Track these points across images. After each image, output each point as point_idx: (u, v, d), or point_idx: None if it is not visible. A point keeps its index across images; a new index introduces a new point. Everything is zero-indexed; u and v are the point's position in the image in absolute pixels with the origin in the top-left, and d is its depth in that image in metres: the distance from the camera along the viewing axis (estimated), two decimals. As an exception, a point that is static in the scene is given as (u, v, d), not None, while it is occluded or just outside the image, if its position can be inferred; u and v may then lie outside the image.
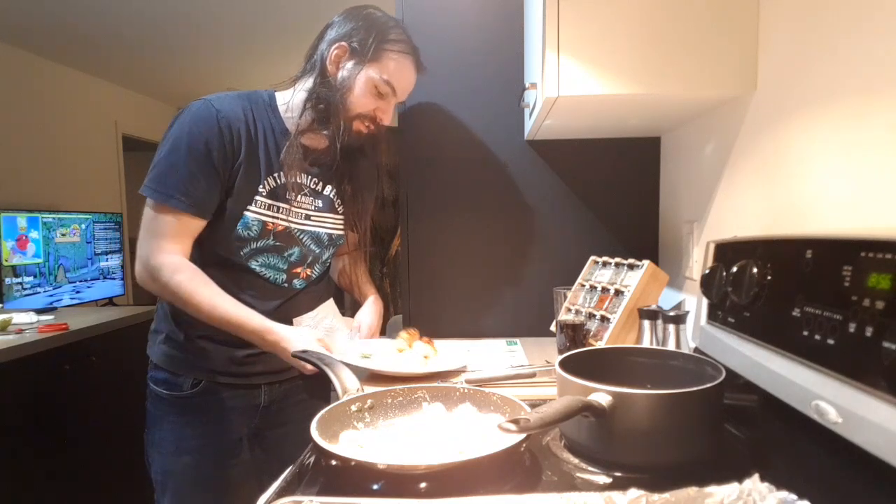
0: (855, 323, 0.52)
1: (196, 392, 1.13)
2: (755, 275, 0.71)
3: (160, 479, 1.16)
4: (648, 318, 1.05)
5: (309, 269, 1.21)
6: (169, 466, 1.14)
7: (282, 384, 1.22)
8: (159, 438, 1.15)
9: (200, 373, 1.14)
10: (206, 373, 1.14)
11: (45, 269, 2.61)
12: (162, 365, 1.15)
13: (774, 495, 0.48)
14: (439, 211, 1.57)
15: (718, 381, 0.68)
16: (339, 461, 0.63)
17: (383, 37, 1.09)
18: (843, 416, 0.52)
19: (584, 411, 0.64)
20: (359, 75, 1.09)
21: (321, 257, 1.23)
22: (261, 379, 1.18)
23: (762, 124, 0.98)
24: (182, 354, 1.14)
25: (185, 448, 1.14)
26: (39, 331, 2.03)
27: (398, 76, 1.10)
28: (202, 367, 1.14)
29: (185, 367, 1.14)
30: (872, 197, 0.70)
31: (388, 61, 1.09)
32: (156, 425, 1.16)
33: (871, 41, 0.70)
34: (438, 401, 0.84)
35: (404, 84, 1.13)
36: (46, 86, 3.41)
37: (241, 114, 1.10)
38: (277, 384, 1.21)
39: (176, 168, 1.04)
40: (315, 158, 1.18)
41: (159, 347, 1.16)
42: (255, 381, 1.18)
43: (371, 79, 1.09)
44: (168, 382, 1.14)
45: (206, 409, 1.14)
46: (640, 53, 1.02)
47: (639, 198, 1.54)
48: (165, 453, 1.14)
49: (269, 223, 1.13)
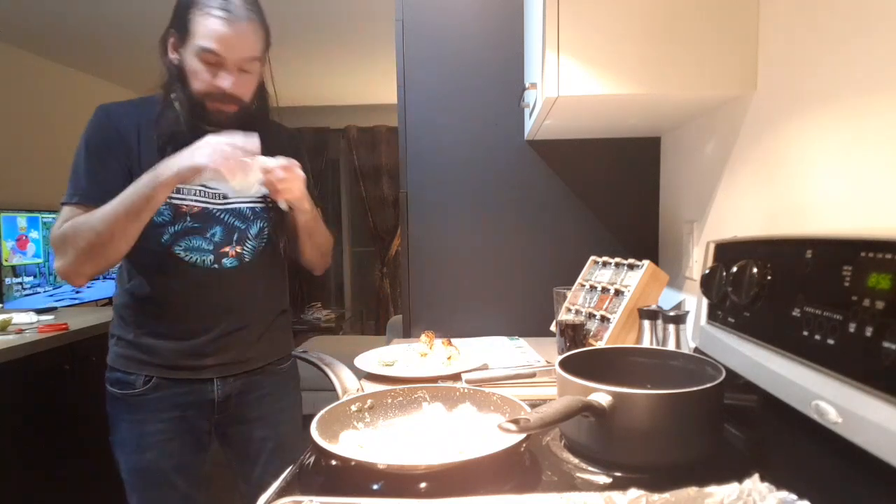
0: (855, 323, 0.52)
1: (148, 389, 1.13)
2: (755, 275, 0.71)
3: (128, 478, 1.16)
4: (648, 318, 1.05)
5: (238, 246, 1.16)
6: (133, 465, 1.15)
7: (237, 378, 1.19)
8: (120, 439, 1.16)
9: (150, 369, 1.13)
10: (156, 368, 1.13)
11: (45, 269, 2.61)
12: (115, 365, 1.15)
13: (774, 495, 0.48)
14: (439, 211, 1.57)
15: (718, 381, 0.68)
16: (339, 461, 0.63)
17: (187, 7, 1.03)
18: (843, 416, 0.52)
19: (584, 411, 0.64)
20: (186, 55, 1.04)
21: (249, 232, 1.17)
22: (210, 373, 1.16)
23: (762, 124, 0.98)
24: (131, 352, 1.14)
25: (145, 445, 1.14)
26: (39, 331, 2.03)
27: (213, 37, 1.00)
28: (151, 364, 1.13)
29: (136, 364, 1.14)
30: (872, 197, 0.70)
31: (197, 27, 1.01)
32: (116, 426, 1.16)
33: (870, 41, 0.70)
34: (438, 401, 0.84)
35: (227, 41, 1.02)
36: (46, 86, 3.41)
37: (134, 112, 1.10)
38: (231, 378, 1.19)
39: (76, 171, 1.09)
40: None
41: (112, 350, 1.17)
42: (204, 374, 1.16)
43: (192, 51, 1.03)
44: (121, 382, 1.14)
45: (161, 406, 1.14)
46: (640, 53, 1.02)
47: (639, 198, 1.54)
48: (129, 452, 1.15)
49: (182, 206, 1.10)
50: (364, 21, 3.03)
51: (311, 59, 3.65)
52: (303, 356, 1.32)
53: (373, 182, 4.98)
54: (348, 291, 5.32)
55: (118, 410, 1.15)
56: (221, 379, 1.18)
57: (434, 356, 1.19)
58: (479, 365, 1.13)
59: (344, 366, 1.15)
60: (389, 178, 4.96)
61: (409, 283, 1.59)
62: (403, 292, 1.60)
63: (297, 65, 3.75)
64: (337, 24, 3.07)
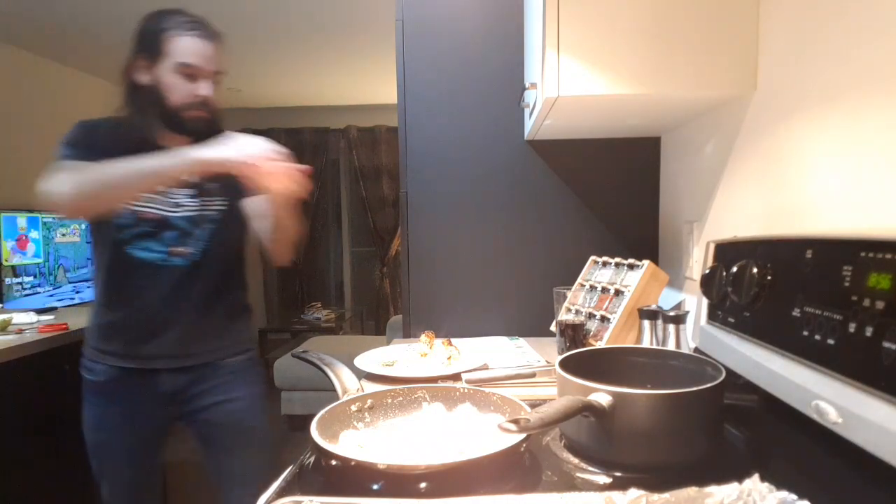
0: (855, 323, 0.52)
1: (107, 379, 1.23)
2: (755, 275, 0.71)
3: (90, 451, 1.27)
4: (648, 318, 1.05)
5: (188, 247, 1.24)
6: (91, 439, 1.26)
7: (187, 371, 1.25)
8: (85, 416, 1.26)
9: (107, 357, 1.23)
10: (111, 357, 1.22)
11: (45, 269, 2.61)
12: (84, 352, 1.27)
13: (774, 495, 0.48)
14: (439, 211, 1.57)
15: (718, 381, 0.68)
16: (339, 461, 0.63)
17: (158, 27, 1.16)
18: (843, 416, 0.52)
19: (584, 411, 0.64)
20: (161, 73, 1.16)
21: (192, 233, 1.24)
22: (159, 363, 1.23)
23: (762, 124, 0.98)
24: (94, 342, 1.25)
25: (102, 426, 1.25)
26: (39, 331, 2.03)
27: (190, 53, 1.16)
28: (107, 352, 1.23)
29: (97, 353, 1.24)
30: (872, 197, 0.70)
31: (173, 46, 1.15)
32: (83, 405, 1.26)
33: (870, 41, 0.70)
34: (438, 401, 0.84)
35: (202, 56, 1.17)
36: (46, 86, 3.41)
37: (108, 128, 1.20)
38: (181, 371, 1.25)
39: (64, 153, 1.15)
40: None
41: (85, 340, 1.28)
42: (153, 365, 1.23)
43: (169, 68, 1.16)
44: (87, 368, 1.25)
45: (116, 392, 1.23)
46: (640, 53, 1.02)
47: (639, 198, 1.54)
48: (90, 428, 1.26)
49: (140, 212, 1.19)
50: (364, 21, 3.03)
51: (311, 59, 3.65)
52: (303, 356, 1.32)
53: (373, 182, 4.98)
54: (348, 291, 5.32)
55: (86, 392, 1.26)
56: (170, 371, 1.24)
57: (434, 356, 1.19)
58: (479, 365, 1.13)
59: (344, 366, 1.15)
60: (389, 178, 4.96)
61: (408, 283, 1.59)
62: (403, 292, 1.60)
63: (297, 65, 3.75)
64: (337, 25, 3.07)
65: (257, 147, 1.06)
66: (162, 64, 1.16)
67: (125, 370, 1.22)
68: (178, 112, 1.18)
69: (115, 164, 1.07)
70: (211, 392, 1.28)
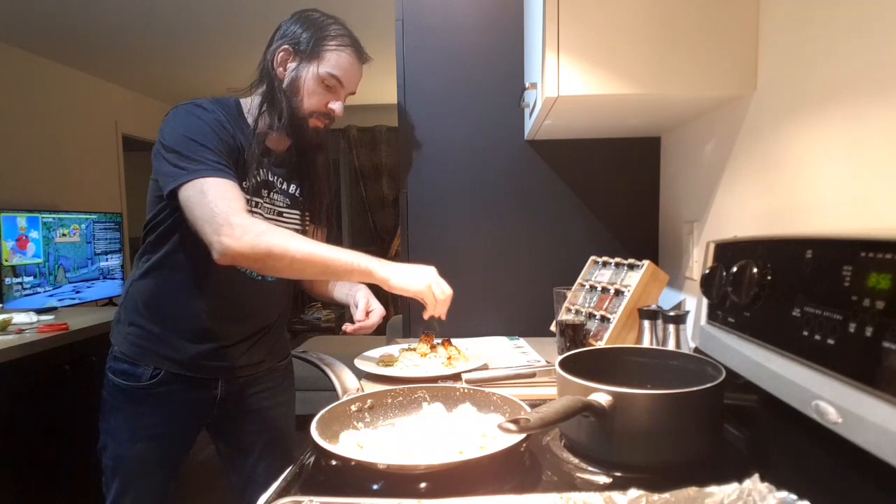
0: (855, 323, 0.52)
1: (154, 383, 1.15)
2: (755, 275, 0.71)
3: (111, 464, 1.18)
4: (648, 318, 1.05)
5: None
6: (121, 453, 1.17)
7: (240, 378, 1.24)
8: (115, 427, 1.17)
9: (165, 363, 1.15)
10: (171, 363, 1.15)
11: (45, 269, 2.61)
12: (125, 353, 1.16)
13: (774, 495, 0.48)
14: (439, 211, 1.57)
15: (718, 381, 0.68)
16: (339, 461, 0.63)
17: (321, 34, 1.15)
18: (843, 416, 0.52)
19: (584, 411, 0.64)
20: (306, 74, 1.15)
21: None
22: (220, 374, 1.21)
23: (762, 124, 0.98)
24: (149, 344, 1.15)
25: (139, 436, 1.16)
26: (39, 331, 2.03)
27: (341, 68, 1.16)
28: (168, 359, 1.15)
29: (150, 357, 1.15)
30: (872, 197, 0.70)
31: (330, 55, 1.15)
32: (112, 414, 1.18)
33: (870, 41, 0.70)
34: (438, 401, 0.84)
35: (350, 74, 1.18)
36: (46, 86, 3.41)
37: (224, 115, 1.14)
38: (236, 379, 1.23)
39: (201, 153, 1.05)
40: (278, 159, 1.22)
41: (127, 338, 1.17)
42: (214, 374, 1.20)
43: (317, 75, 1.15)
44: (127, 374, 1.16)
45: (163, 399, 1.16)
46: (640, 53, 1.02)
47: (639, 198, 1.54)
48: (121, 441, 1.17)
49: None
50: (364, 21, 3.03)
51: (311, 59, 3.65)
52: (303, 356, 1.33)
53: (373, 182, 4.98)
54: (348, 291, 5.31)
55: (118, 400, 1.17)
56: (227, 380, 1.22)
57: (434, 356, 1.19)
58: (479, 365, 1.13)
59: (344, 366, 1.15)
60: (389, 178, 4.96)
61: (409, 283, 1.59)
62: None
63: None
64: (337, 24, 3.07)
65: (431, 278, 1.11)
66: (310, 66, 1.14)
67: (179, 377, 1.16)
68: (305, 117, 1.16)
69: (305, 242, 1.03)
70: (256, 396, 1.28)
